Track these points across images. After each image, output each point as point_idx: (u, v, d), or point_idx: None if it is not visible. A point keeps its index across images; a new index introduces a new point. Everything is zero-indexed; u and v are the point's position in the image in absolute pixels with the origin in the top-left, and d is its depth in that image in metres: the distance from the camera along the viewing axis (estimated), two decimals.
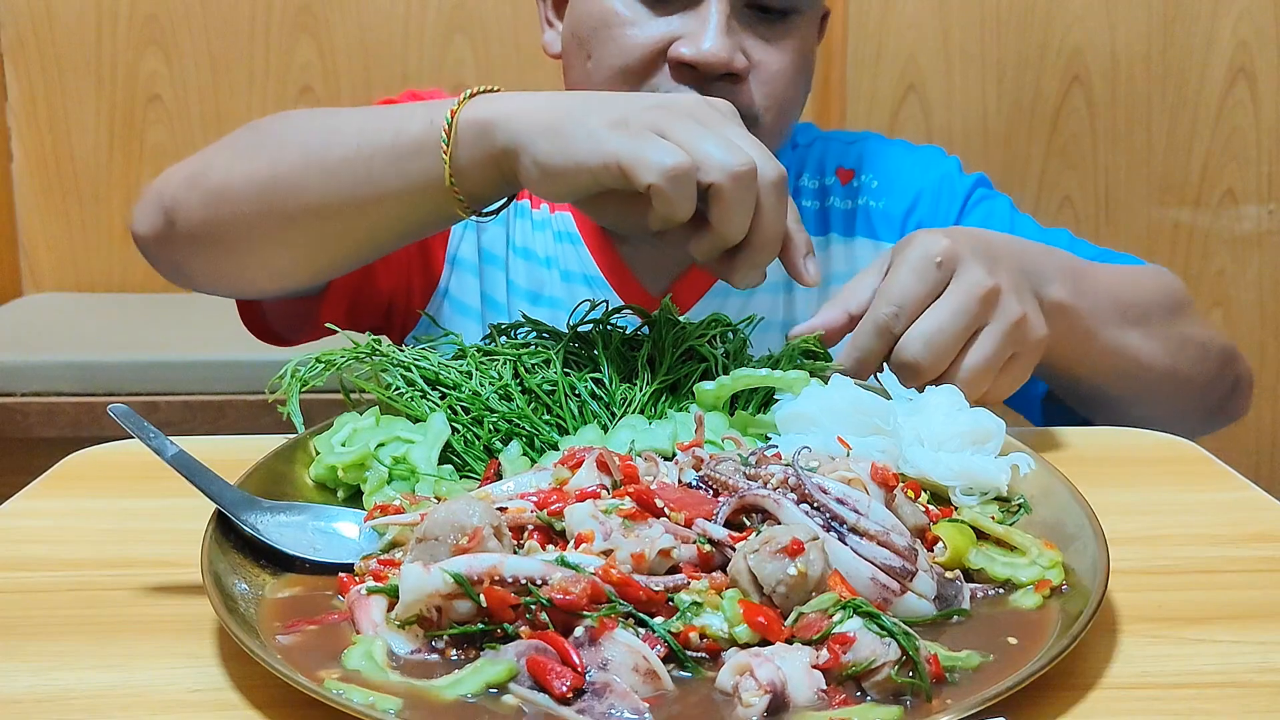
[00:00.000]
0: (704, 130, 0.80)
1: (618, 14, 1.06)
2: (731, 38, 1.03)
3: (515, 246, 1.21)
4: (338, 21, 2.47)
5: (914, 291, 0.87)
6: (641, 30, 1.05)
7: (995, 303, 0.88)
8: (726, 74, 1.04)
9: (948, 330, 0.87)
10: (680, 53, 1.03)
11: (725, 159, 0.78)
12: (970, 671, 0.59)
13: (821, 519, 0.64)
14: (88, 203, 2.53)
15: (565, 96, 0.85)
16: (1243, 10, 2.36)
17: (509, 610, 0.59)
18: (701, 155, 0.78)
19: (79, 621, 0.68)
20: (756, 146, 0.81)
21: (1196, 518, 0.82)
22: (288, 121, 0.97)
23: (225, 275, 1.00)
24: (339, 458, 0.80)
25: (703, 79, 1.04)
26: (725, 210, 0.79)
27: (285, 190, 0.91)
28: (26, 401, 2.11)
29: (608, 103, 0.83)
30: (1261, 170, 2.43)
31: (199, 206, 0.96)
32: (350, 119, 0.93)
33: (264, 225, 0.94)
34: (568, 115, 0.82)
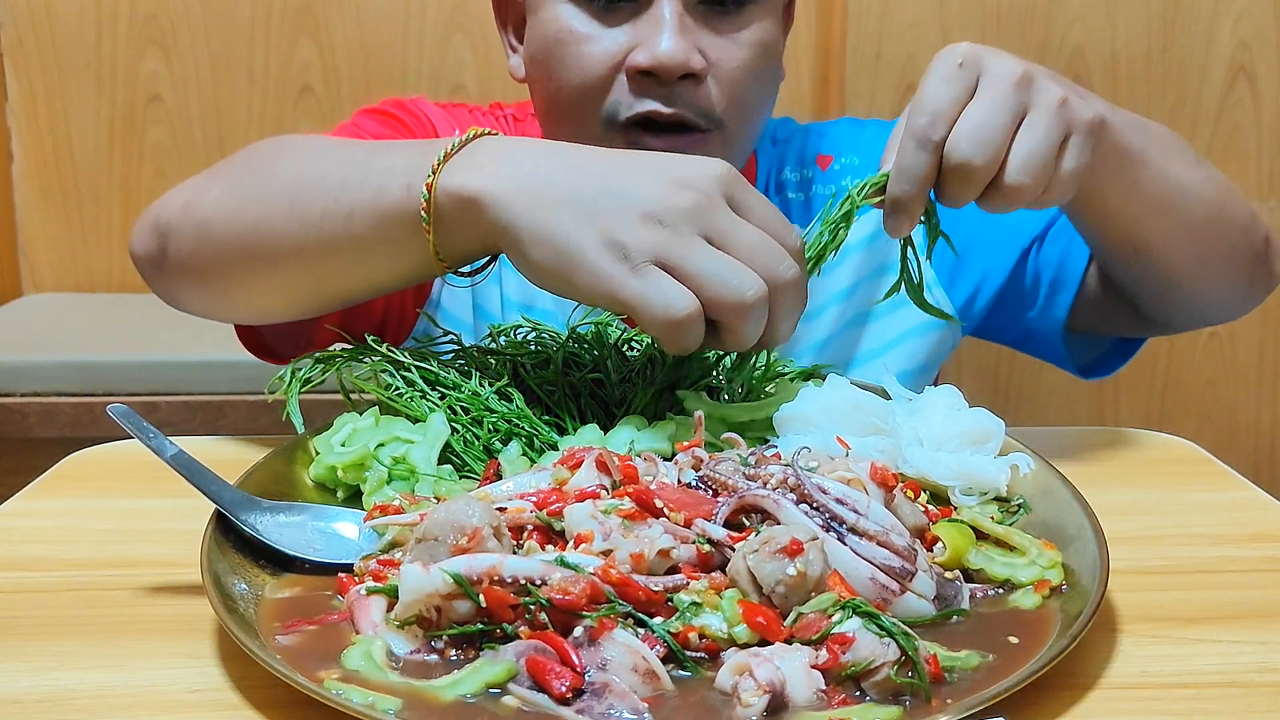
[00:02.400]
0: (710, 257, 0.74)
1: (572, 31, 1.05)
2: (686, 38, 1.02)
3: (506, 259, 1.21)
4: (338, 21, 2.47)
5: (945, 96, 0.81)
6: (596, 45, 1.04)
7: (1031, 86, 0.82)
8: (685, 76, 1.03)
9: (990, 122, 0.80)
10: (637, 61, 1.02)
11: (736, 294, 0.73)
12: (969, 671, 0.59)
13: (821, 519, 0.64)
14: (88, 203, 2.53)
15: (555, 168, 0.78)
16: (1243, 10, 2.36)
17: (508, 610, 0.59)
18: (711, 292, 0.73)
19: (79, 621, 0.68)
20: (769, 243, 0.75)
21: (1196, 518, 0.82)
22: (279, 158, 0.93)
23: (212, 306, 0.99)
24: (339, 458, 0.80)
25: (662, 85, 1.03)
26: (736, 336, 0.75)
27: (267, 236, 0.88)
28: (26, 401, 2.11)
29: (602, 206, 0.75)
30: (1262, 169, 2.43)
31: (189, 237, 0.94)
32: (335, 165, 0.87)
33: (246, 266, 0.91)
34: (559, 219, 0.75)
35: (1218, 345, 2.49)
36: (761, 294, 0.74)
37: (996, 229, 1.18)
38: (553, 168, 0.78)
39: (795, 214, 1.23)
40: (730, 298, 0.73)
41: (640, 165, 0.78)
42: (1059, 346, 1.19)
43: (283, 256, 0.88)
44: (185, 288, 0.98)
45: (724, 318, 0.74)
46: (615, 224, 0.74)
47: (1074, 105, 0.83)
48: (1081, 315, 1.17)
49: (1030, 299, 1.19)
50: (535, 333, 0.94)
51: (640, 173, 0.76)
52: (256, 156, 0.95)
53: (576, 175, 0.77)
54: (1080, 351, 1.22)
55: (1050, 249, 1.17)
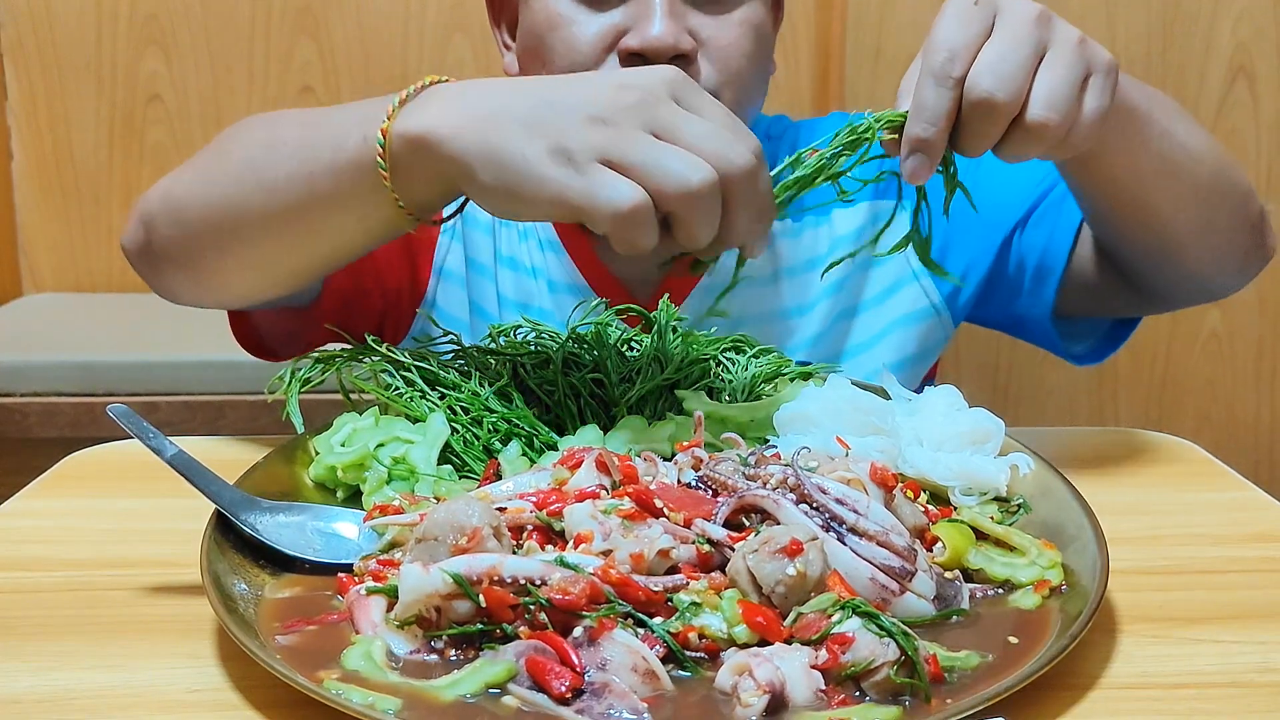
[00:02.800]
0: (655, 146, 0.73)
1: (562, 17, 1.06)
2: (676, 20, 1.04)
3: (502, 256, 1.21)
4: (338, 21, 2.47)
5: (962, 33, 0.79)
6: (586, 29, 1.05)
7: (1050, 24, 0.80)
8: (676, 56, 1.04)
9: (1010, 56, 0.78)
10: (628, 44, 1.03)
11: (682, 182, 0.71)
12: (969, 671, 0.59)
13: (820, 519, 0.64)
14: (88, 203, 2.53)
15: (501, 95, 0.77)
16: (1243, 10, 2.36)
17: (508, 610, 0.59)
18: (656, 183, 0.72)
19: (79, 621, 0.68)
20: (719, 131, 0.74)
21: (1196, 518, 0.82)
22: (242, 134, 0.94)
23: (199, 291, 0.99)
24: (338, 458, 0.80)
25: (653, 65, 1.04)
26: (688, 229, 0.74)
27: (235, 211, 0.89)
28: (26, 401, 2.11)
29: (546, 117, 0.74)
30: (1261, 170, 2.43)
31: (167, 224, 0.95)
32: (293, 131, 0.88)
33: (221, 244, 0.92)
34: (505, 138, 0.75)
35: (1217, 345, 2.49)
36: (709, 180, 0.72)
37: (978, 217, 1.18)
38: (499, 96, 0.77)
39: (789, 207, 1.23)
40: (675, 185, 0.71)
41: (587, 78, 0.77)
42: (1050, 332, 1.19)
43: (252, 228, 0.88)
44: (170, 274, 0.99)
45: (673, 208, 0.72)
46: (559, 131, 0.74)
47: (1092, 45, 0.82)
48: (1071, 298, 1.16)
49: (1016, 286, 1.19)
50: (535, 333, 0.94)
51: (585, 84, 0.76)
52: (225, 137, 0.96)
53: (522, 97, 0.76)
54: (1073, 337, 1.22)
55: (1033, 234, 1.17)
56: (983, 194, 1.13)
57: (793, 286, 1.20)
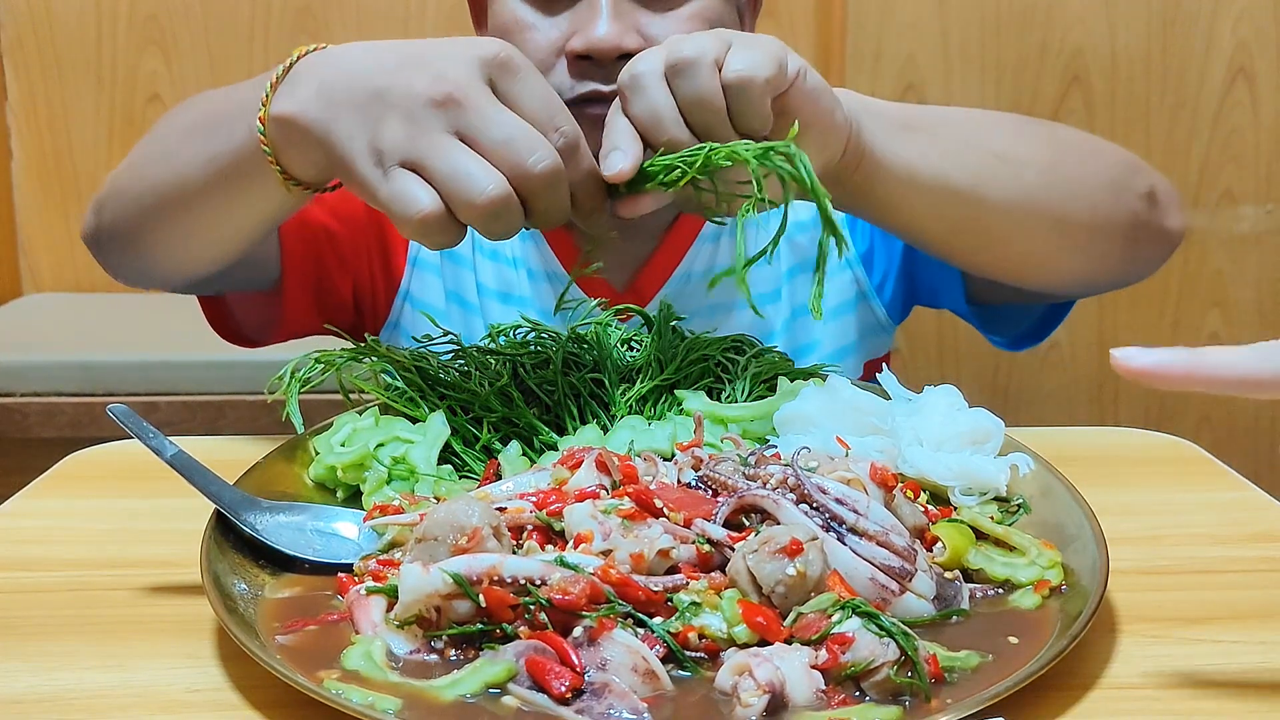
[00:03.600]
0: (454, 153, 0.73)
1: (517, 21, 1.08)
2: (622, 21, 1.04)
3: (481, 248, 1.22)
4: (338, 21, 2.47)
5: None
6: (538, 33, 1.07)
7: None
8: (623, 56, 1.04)
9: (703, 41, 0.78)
10: (573, 46, 1.05)
11: (468, 194, 0.72)
12: (969, 672, 0.59)
13: (820, 519, 0.64)
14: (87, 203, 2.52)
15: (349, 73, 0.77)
16: (1243, 10, 2.36)
17: (508, 610, 0.59)
18: (447, 192, 0.72)
19: (79, 621, 0.68)
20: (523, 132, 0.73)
21: (1196, 518, 0.82)
22: (174, 117, 0.98)
23: (145, 269, 1.04)
24: (338, 458, 0.80)
25: (601, 67, 1.05)
26: (489, 231, 0.74)
27: (160, 191, 0.93)
28: (26, 401, 2.11)
29: (373, 110, 0.75)
30: (1260, 171, 2.43)
31: (111, 208, 1.00)
32: (201, 115, 0.91)
33: (152, 222, 0.96)
34: (341, 129, 0.76)
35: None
36: (497, 194, 0.72)
37: None
38: (350, 74, 0.78)
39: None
40: (463, 197, 0.72)
41: (415, 58, 0.77)
42: (974, 322, 1.19)
43: (174, 207, 0.93)
44: (115, 255, 1.04)
45: (462, 217, 0.73)
46: (378, 127, 0.75)
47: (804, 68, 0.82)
48: (984, 289, 1.15)
49: (932, 280, 1.19)
50: (535, 333, 0.94)
51: (411, 69, 0.76)
52: (161, 121, 1.00)
53: (362, 79, 0.77)
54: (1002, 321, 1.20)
55: None
56: None
57: (760, 276, 1.21)
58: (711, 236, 1.21)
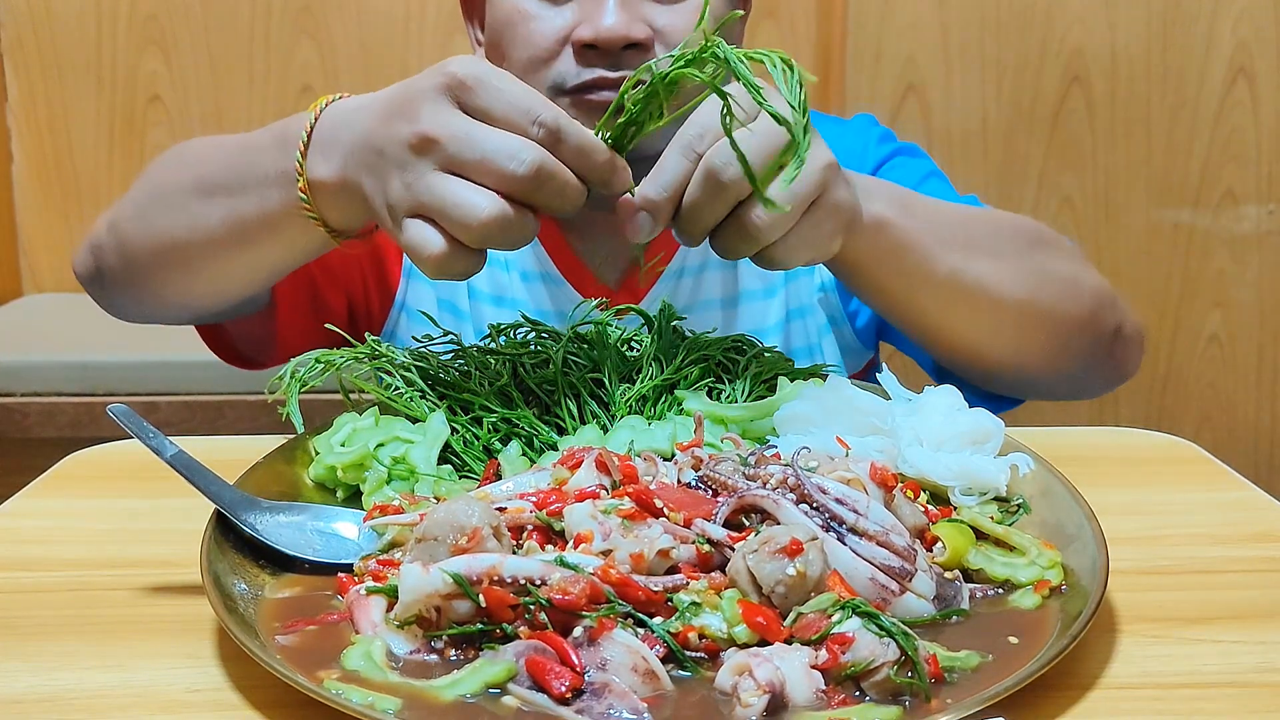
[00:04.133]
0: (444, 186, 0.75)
1: (520, 11, 1.09)
2: (628, 10, 1.05)
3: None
4: (338, 21, 2.47)
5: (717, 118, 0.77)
6: (544, 22, 1.08)
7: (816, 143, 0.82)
8: (630, 46, 1.06)
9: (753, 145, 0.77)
10: (581, 35, 1.05)
11: (465, 220, 0.74)
12: (969, 671, 0.59)
13: (820, 519, 0.64)
14: (88, 203, 2.53)
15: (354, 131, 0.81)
16: (1243, 10, 2.36)
17: (508, 610, 0.59)
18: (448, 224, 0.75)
19: (79, 621, 0.68)
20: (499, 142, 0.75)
21: (1196, 518, 0.82)
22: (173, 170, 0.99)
23: (142, 310, 1.07)
24: (338, 458, 0.80)
25: (607, 56, 1.06)
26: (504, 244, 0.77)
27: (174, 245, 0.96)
28: (26, 401, 2.11)
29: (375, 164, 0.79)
30: (1261, 170, 2.43)
31: (114, 254, 1.03)
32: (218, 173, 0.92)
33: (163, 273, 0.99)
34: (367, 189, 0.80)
35: (1218, 348, 2.49)
36: (491, 212, 0.74)
37: None
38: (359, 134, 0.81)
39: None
40: (462, 224, 0.74)
41: (395, 104, 0.79)
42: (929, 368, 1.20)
43: (190, 261, 0.96)
44: (119, 297, 1.07)
45: (470, 243, 0.76)
46: (385, 185, 0.78)
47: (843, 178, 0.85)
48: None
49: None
50: (535, 332, 0.94)
51: (394, 118, 0.78)
52: (158, 169, 1.02)
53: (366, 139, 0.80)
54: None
55: None
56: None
57: (753, 273, 1.21)
58: None
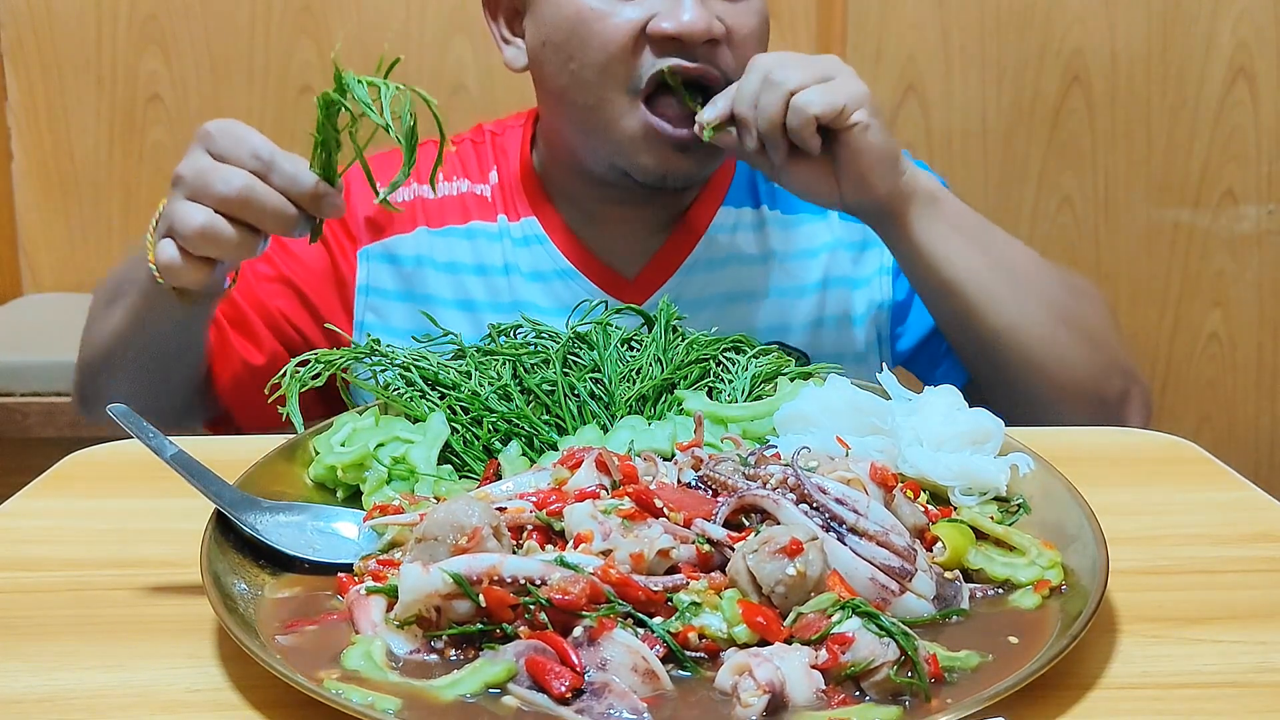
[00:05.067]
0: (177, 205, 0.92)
1: (591, 9, 1.09)
2: (705, 5, 1.07)
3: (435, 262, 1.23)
4: (338, 21, 2.47)
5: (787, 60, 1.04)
6: (618, 18, 1.08)
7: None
8: (707, 41, 1.08)
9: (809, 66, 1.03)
10: (662, 27, 1.07)
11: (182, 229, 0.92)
12: (969, 671, 0.59)
13: (820, 519, 0.64)
14: (88, 203, 2.53)
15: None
16: (1243, 10, 2.36)
17: (508, 610, 0.59)
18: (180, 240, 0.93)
19: (79, 621, 0.68)
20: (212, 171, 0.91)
21: (1196, 518, 0.82)
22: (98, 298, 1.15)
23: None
24: (339, 458, 0.80)
25: (685, 49, 1.07)
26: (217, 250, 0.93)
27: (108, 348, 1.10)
28: (26, 401, 2.11)
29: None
30: (1261, 170, 2.42)
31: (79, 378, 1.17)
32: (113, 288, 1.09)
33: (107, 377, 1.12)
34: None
35: (1218, 347, 2.49)
36: (202, 221, 0.91)
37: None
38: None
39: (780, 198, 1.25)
40: (181, 234, 0.92)
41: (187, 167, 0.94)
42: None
43: (121, 354, 1.09)
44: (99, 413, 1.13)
45: (192, 250, 0.93)
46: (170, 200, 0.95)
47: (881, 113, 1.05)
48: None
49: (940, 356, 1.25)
50: (535, 332, 0.94)
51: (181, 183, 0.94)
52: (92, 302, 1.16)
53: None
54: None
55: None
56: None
57: (784, 270, 1.22)
58: (726, 228, 1.22)
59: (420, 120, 0.85)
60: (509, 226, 1.24)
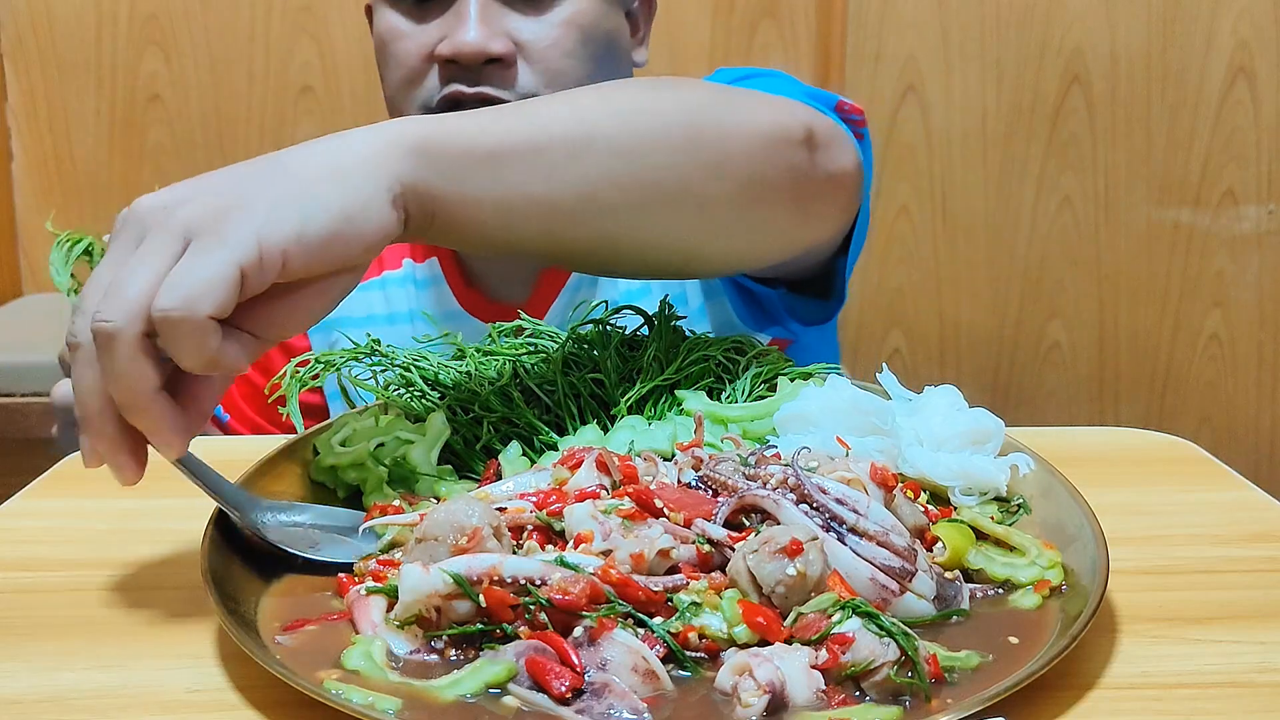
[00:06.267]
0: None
1: (391, 30, 1.11)
2: (490, 25, 1.06)
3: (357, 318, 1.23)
4: (338, 21, 2.47)
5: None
6: (410, 41, 1.10)
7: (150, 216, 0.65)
8: (492, 61, 1.07)
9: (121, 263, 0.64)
10: (440, 51, 1.07)
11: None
12: (969, 672, 0.59)
13: (821, 519, 0.64)
14: (88, 203, 2.53)
15: None
16: (1242, 10, 2.36)
17: (508, 610, 0.59)
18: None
19: (79, 621, 0.68)
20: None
21: (1196, 518, 0.82)
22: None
23: None
24: (339, 458, 0.80)
25: (469, 70, 1.07)
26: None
27: None
28: (27, 402, 2.11)
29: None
30: (1261, 170, 2.43)
31: None
32: None
33: None
34: None
35: (1218, 347, 2.49)
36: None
37: None
38: None
39: None
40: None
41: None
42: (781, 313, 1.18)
43: None
44: None
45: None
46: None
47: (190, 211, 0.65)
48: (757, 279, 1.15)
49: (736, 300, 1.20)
50: (535, 332, 0.94)
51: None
52: None
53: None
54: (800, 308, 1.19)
55: None
56: None
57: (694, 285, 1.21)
58: None
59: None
60: (415, 268, 1.25)
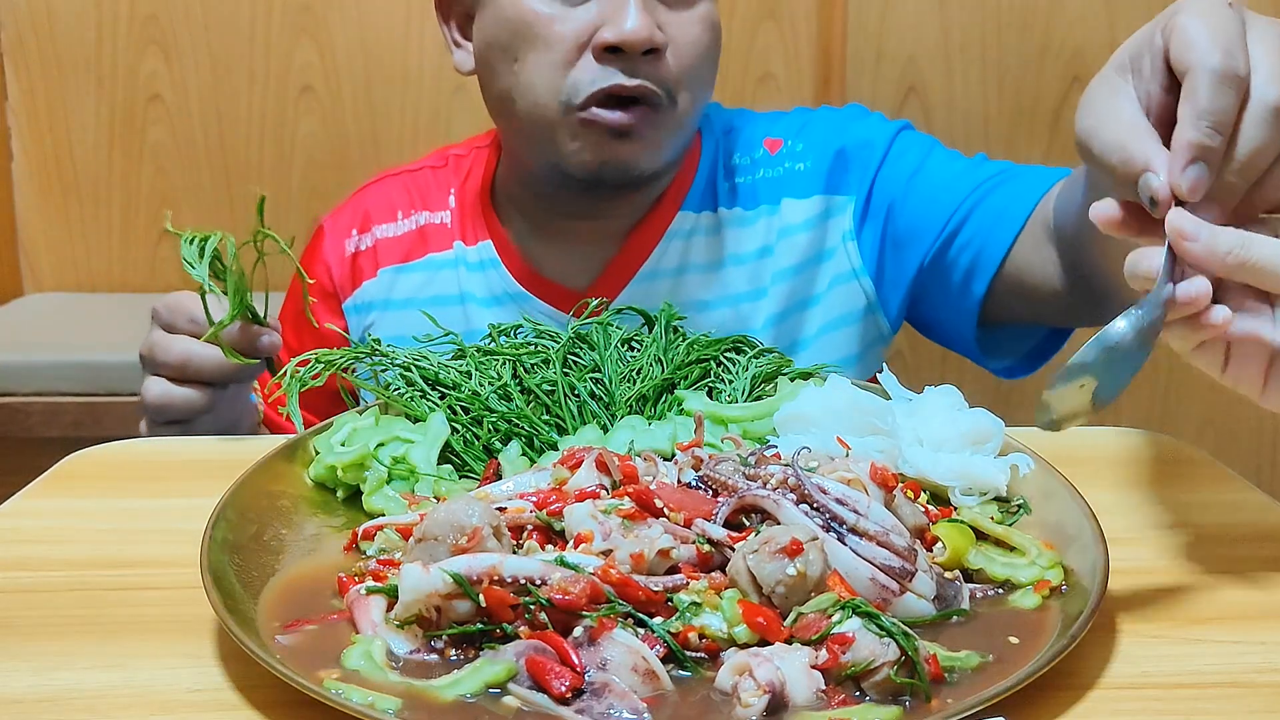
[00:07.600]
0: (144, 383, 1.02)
1: (538, 13, 1.09)
2: (648, 14, 1.07)
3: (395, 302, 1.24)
4: (338, 21, 2.47)
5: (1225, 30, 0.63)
6: (563, 24, 1.08)
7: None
8: (648, 51, 1.07)
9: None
10: (604, 37, 1.06)
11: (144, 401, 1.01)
12: (969, 672, 0.59)
13: (821, 519, 0.64)
14: (88, 203, 2.53)
15: None
16: None
17: (508, 610, 0.59)
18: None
19: (79, 621, 0.68)
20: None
21: (1197, 518, 0.82)
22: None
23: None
24: (339, 458, 0.80)
25: (627, 59, 1.07)
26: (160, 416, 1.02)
27: None
28: (28, 401, 2.11)
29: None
30: None
31: None
32: None
33: None
34: None
35: None
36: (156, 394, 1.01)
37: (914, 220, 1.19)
38: None
39: (741, 196, 1.24)
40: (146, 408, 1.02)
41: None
42: (970, 338, 1.18)
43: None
44: None
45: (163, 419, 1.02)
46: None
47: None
48: (1002, 301, 1.15)
49: (947, 286, 1.18)
50: (535, 332, 0.94)
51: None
52: None
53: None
54: (997, 351, 1.21)
55: (968, 234, 1.16)
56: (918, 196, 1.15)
57: (741, 274, 1.21)
58: (682, 234, 1.21)
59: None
60: (465, 251, 1.25)
